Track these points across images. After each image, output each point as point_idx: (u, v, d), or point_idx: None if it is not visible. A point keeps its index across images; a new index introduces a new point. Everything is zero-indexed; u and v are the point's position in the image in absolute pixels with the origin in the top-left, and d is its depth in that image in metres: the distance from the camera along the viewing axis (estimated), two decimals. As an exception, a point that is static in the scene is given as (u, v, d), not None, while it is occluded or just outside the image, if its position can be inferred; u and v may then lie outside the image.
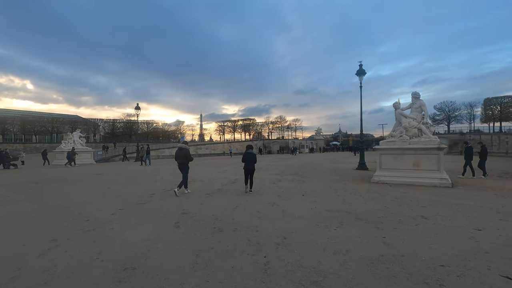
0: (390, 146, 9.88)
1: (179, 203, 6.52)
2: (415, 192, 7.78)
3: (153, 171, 15.83)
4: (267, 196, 7.41)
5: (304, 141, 70.40)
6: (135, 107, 30.08)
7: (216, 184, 9.74)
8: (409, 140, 9.61)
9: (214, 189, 8.70)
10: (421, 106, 10.20)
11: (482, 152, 11.97)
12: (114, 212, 5.66)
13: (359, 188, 8.64)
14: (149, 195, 7.74)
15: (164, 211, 5.72)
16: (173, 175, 13.10)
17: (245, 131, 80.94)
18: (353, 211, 5.59)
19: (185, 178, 7.88)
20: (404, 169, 9.56)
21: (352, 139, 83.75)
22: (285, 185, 9.45)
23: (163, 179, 11.34)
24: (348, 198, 7.01)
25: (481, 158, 11.90)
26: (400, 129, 9.88)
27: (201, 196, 7.48)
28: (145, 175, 13.24)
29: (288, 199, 6.95)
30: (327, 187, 8.95)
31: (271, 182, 10.26)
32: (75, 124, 72.75)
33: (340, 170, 15.38)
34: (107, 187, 9.36)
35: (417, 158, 9.37)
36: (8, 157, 20.54)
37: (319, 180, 10.81)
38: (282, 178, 11.52)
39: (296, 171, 14.68)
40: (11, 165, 20.36)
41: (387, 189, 8.46)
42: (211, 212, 5.62)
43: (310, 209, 5.79)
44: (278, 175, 12.76)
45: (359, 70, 15.91)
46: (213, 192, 8.19)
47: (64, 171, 16.67)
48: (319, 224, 4.65)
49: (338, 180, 10.85)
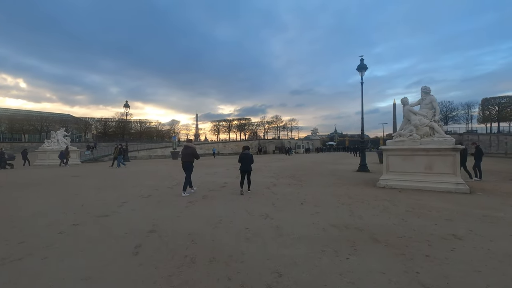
0: (398, 146, 8.81)
1: (151, 215, 5.34)
2: (431, 200, 6.72)
3: (137, 173, 14.57)
4: (260, 205, 6.26)
5: (300, 141, 69.48)
6: (124, 105, 28.70)
7: (202, 189, 8.56)
8: (420, 140, 8.55)
9: (199, 196, 7.52)
10: (432, 102, 9.15)
11: (476, 153, 11.20)
12: (64, 230, 4.45)
13: (365, 194, 7.55)
14: (119, 203, 6.53)
15: (129, 227, 4.53)
16: (156, 177, 11.88)
17: (240, 131, 79.74)
18: (365, 227, 4.48)
19: (188, 178, 7.84)
20: (414, 172, 8.49)
21: (348, 139, 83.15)
22: (281, 190, 8.32)
23: (144, 183, 10.12)
24: (355, 208, 5.90)
25: (476, 159, 11.10)
26: (410, 128, 8.81)
27: (181, 205, 6.31)
28: (125, 178, 11.99)
29: (284, 209, 5.81)
30: (329, 193, 7.84)
31: (265, 187, 9.12)
32: (66, 123, 70.76)
33: (340, 172, 14.31)
34: (76, 193, 8.11)
35: (429, 160, 8.31)
36: (3, 157, 19.47)
37: (318, 184, 9.70)
38: (278, 182, 10.39)
39: (292, 173, 13.56)
40: (7, 164, 19.34)
41: (397, 195, 7.39)
42: (187, 229, 4.45)
43: (311, 224, 4.66)
44: (273, 178, 11.62)
45: (360, 65, 14.85)
46: (197, 199, 7.02)
47: (43, 172, 15.30)
48: (326, 250, 3.52)
49: (339, 184, 9.75)
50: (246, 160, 8.10)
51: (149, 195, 7.66)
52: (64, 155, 21.18)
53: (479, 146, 11.55)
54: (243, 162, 8.09)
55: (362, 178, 11.40)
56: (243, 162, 8.10)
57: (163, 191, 8.38)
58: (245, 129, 79.62)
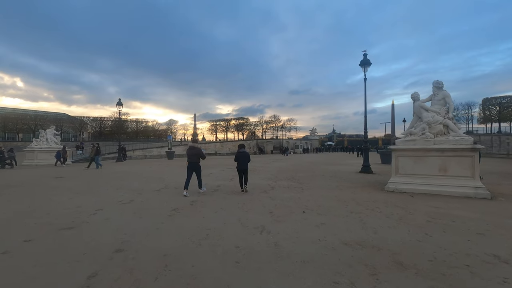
0: (409, 146, 7.99)
1: (124, 227, 4.46)
2: (451, 207, 5.90)
3: (126, 174, 13.65)
4: (255, 214, 5.41)
5: (299, 141, 68.72)
6: (117, 103, 27.68)
7: (191, 194, 7.70)
8: (434, 139, 7.73)
9: (187, 201, 6.65)
10: (445, 98, 8.34)
11: None
12: (10, 248, 3.56)
13: (374, 200, 6.72)
14: (93, 211, 5.65)
15: (91, 245, 3.66)
16: (145, 179, 10.98)
17: (238, 131, 78.85)
18: (384, 244, 3.64)
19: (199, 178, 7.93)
20: (427, 175, 7.68)
21: (347, 139, 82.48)
22: (280, 195, 7.47)
23: (129, 186, 9.24)
24: (366, 217, 5.07)
25: None
26: (422, 126, 7.99)
27: (164, 213, 5.44)
28: (111, 180, 11.08)
29: (284, 220, 4.95)
30: (333, 198, 7.01)
31: (262, 190, 8.27)
32: (61, 122, 69.70)
33: (342, 173, 13.48)
34: (50, 197, 7.22)
35: (444, 161, 7.50)
36: (3, 156, 19.07)
37: (320, 187, 8.86)
38: (276, 185, 9.54)
39: (292, 175, 12.72)
40: (7, 164, 18.96)
41: (411, 201, 6.56)
42: (164, 247, 3.58)
43: (317, 241, 3.82)
44: (271, 180, 10.77)
45: (364, 60, 14.04)
46: (183, 206, 6.14)
47: (28, 172, 14.34)
48: (339, 281, 2.66)
49: (343, 187, 8.92)
50: (243, 159, 7.90)
51: (131, 200, 6.78)
52: (62, 154, 20.71)
53: None
54: (240, 161, 7.88)
55: (367, 180, 10.58)
56: (239, 161, 7.88)
57: (148, 195, 7.50)
58: (243, 129, 78.73)
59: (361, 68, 14.01)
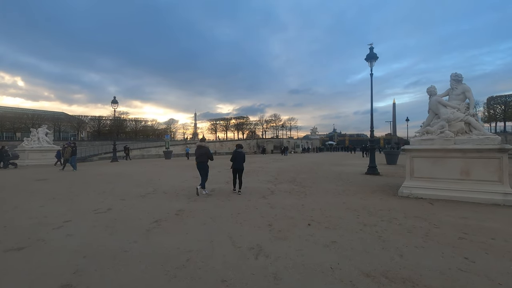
0: (426, 146, 7.09)
1: (86, 248, 3.58)
2: (480, 218, 5.01)
3: (116, 175, 12.77)
4: (251, 227, 4.53)
5: (299, 141, 67.82)
6: (112, 101, 26.80)
7: (180, 200, 6.82)
8: (455, 138, 6.85)
9: (172, 210, 5.77)
10: (465, 92, 7.45)
11: None
12: None
13: (388, 208, 5.83)
14: (60, 223, 4.77)
15: (34, 276, 2.78)
16: (133, 182, 10.09)
17: (238, 130, 78.03)
18: (417, 276, 2.76)
19: (205, 177, 7.76)
20: (446, 178, 6.79)
21: (348, 138, 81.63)
22: (280, 202, 6.59)
23: (114, 190, 8.37)
24: (385, 233, 4.18)
25: None
26: (441, 123, 7.09)
27: (141, 227, 4.55)
28: (97, 183, 10.22)
29: (286, 237, 4.06)
30: (341, 206, 6.13)
31: (260, 195, 7.39)
32: (59, 121, 68.95)
33: (347, 175, 12.59)
34: (17, 204, 6.35)
35: (466, 164, 6.61)
36: (8, 155, 18.75)
37: (325, 192, 7.98)
38: (276, 188, 8.66)
39: (293, 177, 11.84)
40: (10, 164, 18.51)
41: (432, 210, 5.68)
42: (127, 281, 2.72)
43: (329, 270, 2.94)
44: (271, 183, 9.89)
45: (370, 54, 13.16)
46: (167, 216, 5.26)
47: (13, 173, 13.49)
48: None
49: (351, 192, 8.03)
50: (239, 159, 7.97)
51: (109, 208, 5.90)
52: (62, 154, 19.52)
53: None
54: (236, 160, 7.94)
55: (376, 183, 9.69)
56: (235, 160, 7.94)
57: (131, 202, 6.62)
58: (243, 128, 77.89)
59: (367, 63, 13.13)
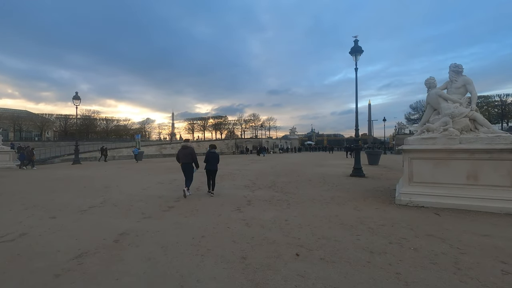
0: (427, 146, 6.09)
1: None
2: (504, 234, 4.02)
3: (65, 181, 10.79)
4: (216, 263, 3.13)
5: (278, 141, 67.22)
6: (74, 97, 24.16)
7: (131, 216, 5.30)
8: (460, 137, 5.91)
9: (113, 234, 4.23)
10: (466, 85, 6.60)
11: None
12: None
13: (391, 222, 4.71)
14: None
15: None
16: (83, 189, 8.27)
17: (216, 130, 75.99)
18: None
19: (190, 179, 7.56)
20: (450, 183, 5.83)
21: (326, 138, 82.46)
22: (258, 216, 5.27)
23: (51, 202, 6.62)
24: (403, 268, 2.98)
25: None
26: (444, 119, 6.14)
27: (50, 270, 3.01)
28: (36, 190, 8.31)
29: (266, 281, 2.73)
30: (334, 220, 4.92)
31: (234, 207, 6.03)
32: (19, 120, 63.09)
33: (331, 177, 11.56)
34: None
35: (473, 166, 5.69)
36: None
37: (312, 200, 6.77)
38: (254, 196, 7.34)
39: (273, 181, 10.59)
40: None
41: (442, 224, 4.63)
42: None
43: None
44: (248, 189, 8.56)
45: (355, 47, 12.27)
46: (99, 248, 3.70)
47: None
48: None
49: (341, 199, 6.89)
50: (213, 160, 7.76)
51: (22, 234, 4.23)
52: (28, 155, 18.34)
53: None
54: (209, 161, 7.71)
55: (364, 188, 8.68)
56: (208, 162, 7.71)
57: (60, 222, 4.97)
58: (221, 128, 75.97)
59: (359, 45, 12.16)
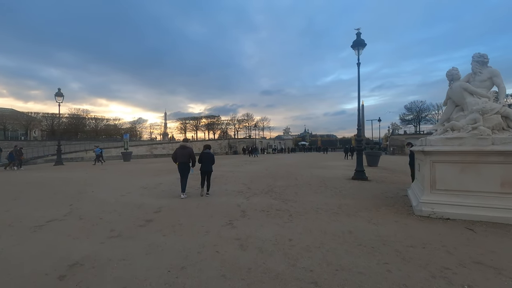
0: (453, 147, 5.18)
1: None
2: None
3: (37, 184, 9.56)
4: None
5: (272, 141, 66.35)
6: (56, 93, 22.64)
7: (97, 233, 4.22)
8: (492, 137, 5.03)
9: (62, 266, 3.15)
10: (492, 78, 5.72)
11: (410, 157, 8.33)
12: None
13: (422, 243, 3.76)
14: None
15: None
16: (51, 196, 7.09)
17: (209, 130, 74.56)
18: None
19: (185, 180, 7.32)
20: (482, 192, 4.94)
21: (320, 139, 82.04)
22: (255, 235, 4.25)
23: (5, 214, 5.49)
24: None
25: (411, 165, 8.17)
26: (472, 116, 5.24)
27: None
28: (2, 194, 7.15)
29: None
30: (349, 240, 3.95)
31: (225, 220, 4.99)
32: (3, 118, 60.49)
33: (332, 181, 10.65)
34: None
35: (509, 172, 4.82)
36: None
37: (316, 210, 5.80)
38: (248, 205, 6.33)
39: (269, 185, 9.60)
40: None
41: (484, 243, 3.71)
42: None
43: None
44: (242, 195, 7.55)
45: (357, 41, 11.37)
46: (42, 286, 2.68)
47: None
48: None
49: (350, 208, 5.94)
50: (207, 160, 7.59)
51: None
52: (17, 155, 17.57)
53: None
54: (204, 162, 7.56)
55: (371, 193, 7.77)
56: (203, 162, 7.57)
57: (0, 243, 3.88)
58: (214, 128, 74.58)
59: (362, 38, 11.27)
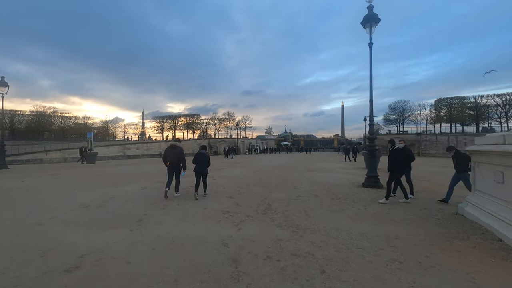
0: None
1: None
2: None
3: None
4: None
5: (255, 141, 64.15)
6: None
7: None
8: None
9: None
10: None
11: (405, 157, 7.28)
12: None
13: None
14: None
15: None
16: None
17: (188, 129, 70.91)
18: None
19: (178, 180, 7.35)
20: None
21: (303, 139, 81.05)
22: None
23: None
24: None
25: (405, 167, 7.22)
26: None
27: None
28: None
29: None
30: None
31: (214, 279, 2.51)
32: (-49, 116, 53.48)
33: (342, 190, 8.41)
34: None
35: None
36: None
37: (359, 253, 3.44)
38: (242, 243, 3.83)
39: (264, 198, 7.18)
40: None
41: None
42: None
43: None
44: (229, 219, 5.06)
45: (368, 16, 9.19)
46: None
47: None
48: None
49: (413, 248, 3.62)
50: (202, 161, 7.17)
51: None
52: None
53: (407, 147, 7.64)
54: (198, 163, 7.14)
55: (409, 210, 5.59)
56: (197, 163, 7.15)
57: None
58: (193, 127, 71.03)
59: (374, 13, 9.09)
